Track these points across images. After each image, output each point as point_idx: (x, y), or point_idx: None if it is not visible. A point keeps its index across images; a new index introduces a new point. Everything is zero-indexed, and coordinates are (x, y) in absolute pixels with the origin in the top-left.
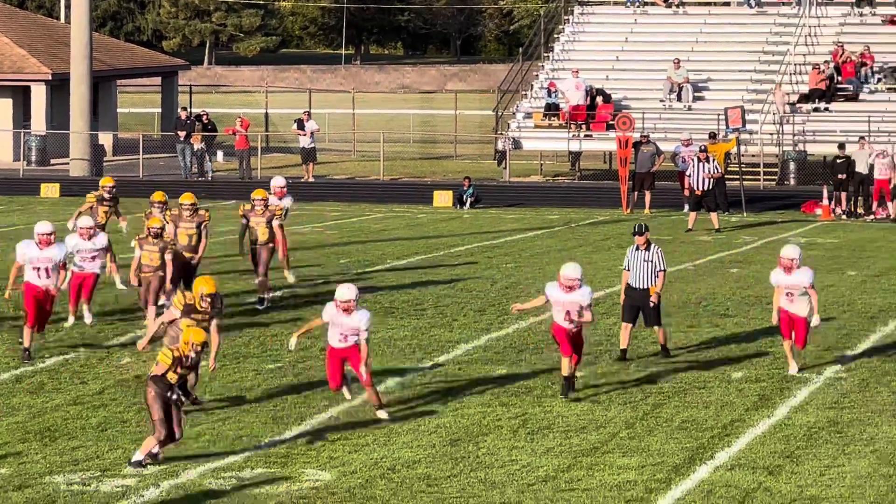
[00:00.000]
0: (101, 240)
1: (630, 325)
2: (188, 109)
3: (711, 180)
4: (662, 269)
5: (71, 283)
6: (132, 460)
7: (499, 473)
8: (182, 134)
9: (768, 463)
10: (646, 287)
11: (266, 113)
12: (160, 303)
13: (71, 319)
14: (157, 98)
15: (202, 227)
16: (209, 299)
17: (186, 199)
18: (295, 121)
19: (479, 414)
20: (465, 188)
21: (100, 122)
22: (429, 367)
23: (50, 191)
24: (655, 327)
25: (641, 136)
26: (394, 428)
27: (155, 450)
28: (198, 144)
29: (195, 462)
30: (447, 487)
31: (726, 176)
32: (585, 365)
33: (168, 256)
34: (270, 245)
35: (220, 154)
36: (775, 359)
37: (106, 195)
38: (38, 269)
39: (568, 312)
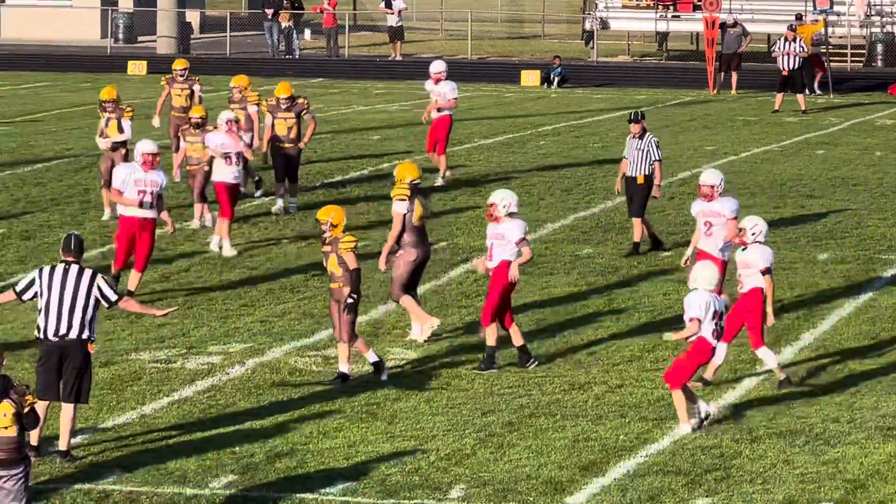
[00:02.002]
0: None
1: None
2: None
3: (798, 59)
4: (657, 158)
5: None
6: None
7: (583, 354)
8: (270, 12)
9: (853, 345)
10: (636, 176)
11: None
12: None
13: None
14: None
15: (303, 114)
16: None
17: (282, 91)
18: None
19: (565, 293)
20: (555, 67)
21: (187, 0)
22: None
23: (137, 68)
24: (634, 218)
25: (728, 18)
26: (479, 308)
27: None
28: (285, 22)
29: (280, 340)
30: (531, 366)
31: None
32: (672, 245)
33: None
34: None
35: (307, 32)
36: (861, 240)
37: (179, 78)
38: (144, 192)
39: (491, 248)
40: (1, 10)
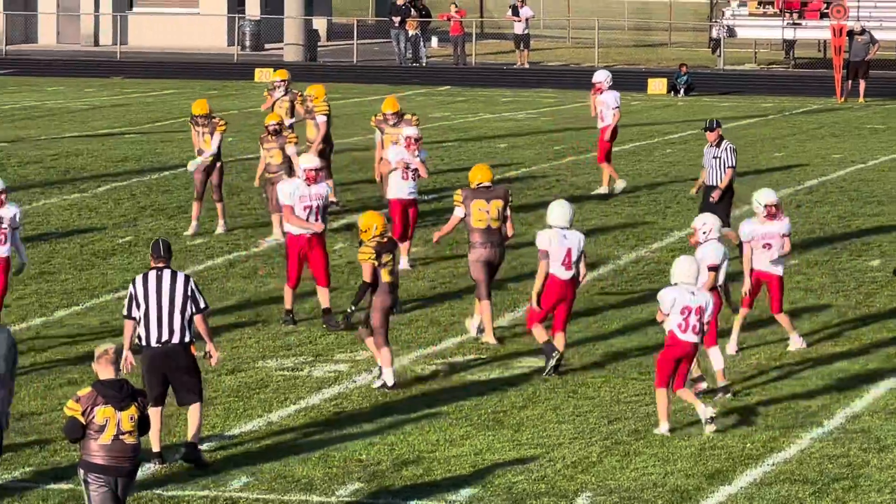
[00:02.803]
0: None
1: None
2: None
3: None
4: (731, 165)
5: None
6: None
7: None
8: (397, 19)
9: None
10: (716, 185)
11: None
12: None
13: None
14: None
15: None
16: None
17: (389, 107)
18: (510, 6)
19: None
20: (682, 75)
21: (314, 7)
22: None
23: (264, 76)
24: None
25: (856, 25)
26: (607, 315)
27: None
28: (412, 30)
29: (408, 348)
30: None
31: None
32: (798, 252)
33: (291, 151)
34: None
35: (434, 40)
36: None
37: (279, 89)
38: (311, 207)
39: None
40: (128, 18)
